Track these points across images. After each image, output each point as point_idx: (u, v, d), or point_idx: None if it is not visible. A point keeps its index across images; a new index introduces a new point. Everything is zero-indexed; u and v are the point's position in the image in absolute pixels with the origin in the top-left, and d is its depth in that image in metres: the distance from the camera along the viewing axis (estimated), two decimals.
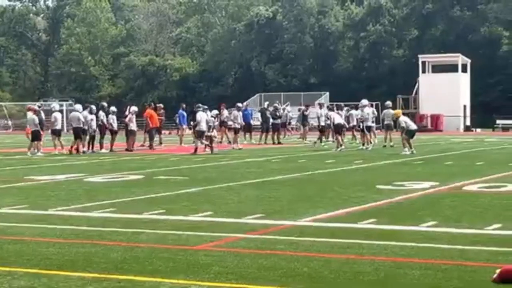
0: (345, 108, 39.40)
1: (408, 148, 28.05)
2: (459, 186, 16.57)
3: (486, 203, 13.91)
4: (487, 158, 26.42)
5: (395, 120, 31.55)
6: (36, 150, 31.25)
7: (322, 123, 36.14)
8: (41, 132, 31.70)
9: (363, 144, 33.18)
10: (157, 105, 40.45)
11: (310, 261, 8.69)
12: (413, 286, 7.39)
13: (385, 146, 33.29)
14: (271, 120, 39.89)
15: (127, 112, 34.96)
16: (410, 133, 28.54)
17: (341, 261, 8.72)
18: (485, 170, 20.54)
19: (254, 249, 9.53)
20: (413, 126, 29.47)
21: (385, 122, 34.64)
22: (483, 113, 64.50)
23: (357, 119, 35.41)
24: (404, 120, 28.95)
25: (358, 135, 35.67)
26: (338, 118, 33.14)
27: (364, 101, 35.04)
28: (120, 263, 8.69)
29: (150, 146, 35.08)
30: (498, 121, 61.79)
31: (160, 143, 37.18)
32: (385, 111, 35.20)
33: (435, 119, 59.68)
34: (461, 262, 8.51)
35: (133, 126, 34.22)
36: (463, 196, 15.17)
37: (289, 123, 46.78)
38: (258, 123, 43.88)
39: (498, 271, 7.54)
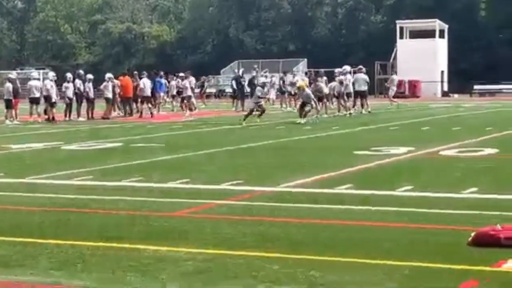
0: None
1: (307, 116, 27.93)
2: (436, 151, 16.65)
3: (463, 167, 14.00)
4: (464, 123, 26.55)
5: (319, 90, 30.96)
6: (13, 119, 31.09)
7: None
8: (14, 101, 31.54)
9: (338, 111, 33.23)
10: (134, 73, 40.22)
11: (288, 227, 8.72)
12: (389, 250, 7.43)
13: (361, 112, 33.33)
14: (247, 88, 39.80)
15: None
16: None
17: (319, 226, 8.76)
18: (462, 135, 20.64)
19: (231, 215, 9.55)
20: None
21: (356, 89, 34.01)
22: (461, 78, 64.64)
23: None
24: (306, 94, 28.21)
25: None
26: (324, 86, 33.14)
27: (347, 68, 35.01)
28: (98, 230, 8.67)
29: (125, 114, 34.95)
30: (475, 87, 62.04)
31: (139, 111, 36.99)
32: (356, 76, 34.76)
33: (413, 85, 59.78)
34: (437, 226, 8.57)
35: (108, 93, 34.02)
36: (439, 161, 15.25)
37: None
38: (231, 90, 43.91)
39: (473, 234, 7.60)
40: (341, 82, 33.39)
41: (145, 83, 34.80)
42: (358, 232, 8.42)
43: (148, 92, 34.89)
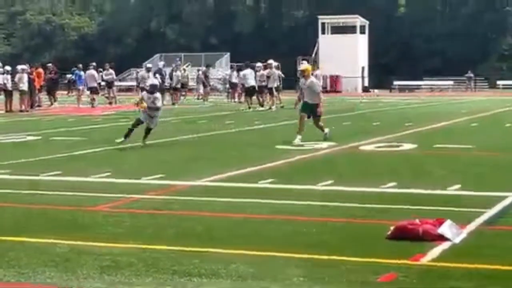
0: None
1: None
2: (356, 146, 16.83)
3: (382, 162, 14.20)
4: (384, 118, 26.93)
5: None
6: None
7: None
8: None
9: (261, 105, 33.39)
10: (48, 65, 39.65)
11: (208, 221, 8.69)
12: (310, 243, 7.48)
13: (282, 107, 33.48)
14: (168, 81, 39.56)
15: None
16: None
17: (238, 220, 8.76)
18: (382, 130, 20.92)
19: (150, 209, 9.48)
20: None
21: (270, 85, 34.10)
22: (381, 74, 65.59)
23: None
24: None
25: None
26: (252, 80, 33.26)
27: (270, 61, 35.19)
28: (16, 225, 8.50)
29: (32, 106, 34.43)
30: (394, 82, 63.03)
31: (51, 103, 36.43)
32: (270, 71, 34.92)
33: (334, 80, 60.37)
34: (357, 219, 8.66)
35: (23, 85, 33.30)
36: (360, 155, 15.43)
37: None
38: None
39: (392, 228, 7.71)
40: (268, 77, 33.61)
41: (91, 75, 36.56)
42: (280, 226, 8.44)
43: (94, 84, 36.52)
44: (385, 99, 45.26)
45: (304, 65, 16.26)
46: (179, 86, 39.65)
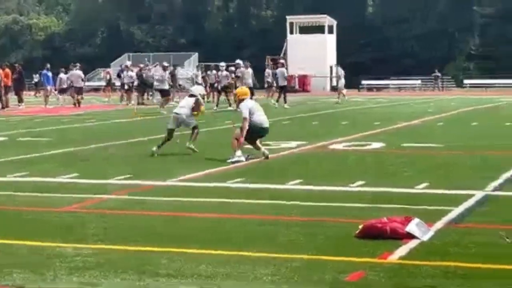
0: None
1: None
2: (326, 145, 16.88)
3: (351, 161, 14.24)
4: (352, 118, 27.02)
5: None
6: None
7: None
8: None
9: (230, 105, 33.40)
10: (15, 65, 39.37)
11: (175, 221, 8.68)
12: (280, 243, 7.49)
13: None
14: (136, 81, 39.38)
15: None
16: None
17: (207, 220, 8.74)
18: (351, 129, 21.01)
19: (118, 209, 9.43)
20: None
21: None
22: (350, 73, 65.71)
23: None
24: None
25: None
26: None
27: (238, 61, 35.28)
28: None
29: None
30: (363, 82, 63.31)
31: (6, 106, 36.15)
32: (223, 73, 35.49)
33: (303, 79, 60.51)
34: (325, 218, 8.67)
35: None
36: (329, 154, 15.47)
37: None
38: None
39: (361, 226, 7.74)
40: (237, 76, 33.69)
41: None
42: (249, 225, 8.44)
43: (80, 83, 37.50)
44: (354, 98, 45.40)
45: (238, 89, 15.61)
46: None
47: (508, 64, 64.77)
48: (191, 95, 16.35)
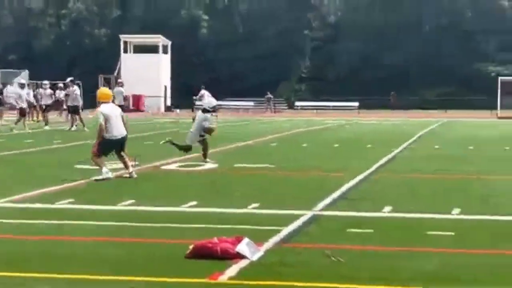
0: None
1: None
2: (158, 165, 16.82)
3: (184, 181, 14.27)
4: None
5: None
6: None
7: (24, 104, 34.29)
8: None
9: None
10: None
11: (8, 244, 8.40)
12: (111, 264, 7.39)
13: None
14: None
15: None
16: None
17: (36, 243, 8.51)
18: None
19: None
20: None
21: (43, 102, 35.23)
22: (184, 93, 66.13)
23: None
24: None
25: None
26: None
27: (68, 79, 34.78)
28: None
29: None
30: (197, 102, 63.57)
31: None
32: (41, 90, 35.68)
33: (137, 99, 60.17)
34: (156, 239, 8.63)
35: None
36: (161, 175, 15.42)
37: None
38: None
39: (191, 247, 7.75)
40: (67, 95, 33.25)
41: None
42: (79, 247, 8.27)
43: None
44: (188, 119, 45.56)
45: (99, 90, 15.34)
46: None
47: (336, 86, 67.15)
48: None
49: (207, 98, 18.83)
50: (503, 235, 9.02)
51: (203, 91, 40.10)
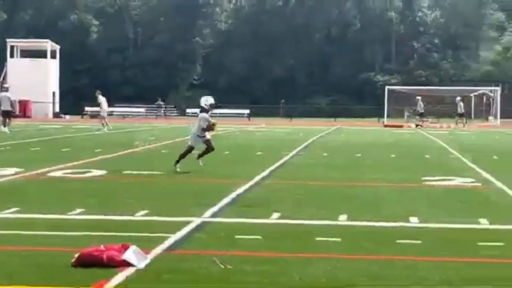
0: None
1: None
2: (45, 172, 16.48)
3: (71, 188, 14.01)
4: (74, 144, 26.68)
5: None
6: None
7: None
8: None
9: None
10: None
11: None
12: (14, 274, 7.21)
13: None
14: None
15: None
16: None
17: None
18: (71, 156, 20.63)
19: None
20: None
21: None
22: (73, 99, 65.15)
23: None
24: None
25: None
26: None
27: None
28: None
29: None
30: (86, 108, 62.74)
31: None
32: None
33: (24, 105, 58.85)
34: (42, 247, 8.43)
35: None
36: (47, 182, 15.12)
37: None
38: None
39: (77, 255, 7.61)
40: None
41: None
42: (14, 256, 8.02)
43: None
44: (77, 125, 44.93)
45: None
46: None
47: (227, 94, 67.42)
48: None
49: (204, 97, 18.27)
50: (386, 241, 9.20)
51: (100, 97, 39.41)
